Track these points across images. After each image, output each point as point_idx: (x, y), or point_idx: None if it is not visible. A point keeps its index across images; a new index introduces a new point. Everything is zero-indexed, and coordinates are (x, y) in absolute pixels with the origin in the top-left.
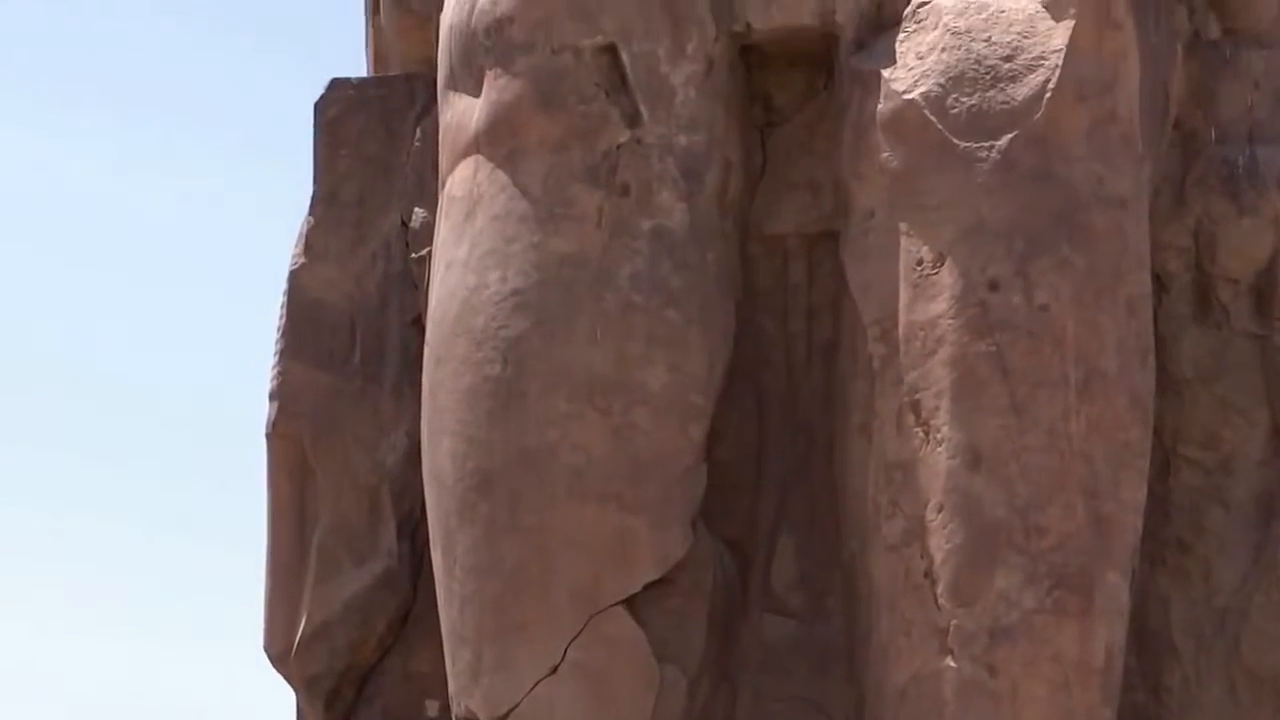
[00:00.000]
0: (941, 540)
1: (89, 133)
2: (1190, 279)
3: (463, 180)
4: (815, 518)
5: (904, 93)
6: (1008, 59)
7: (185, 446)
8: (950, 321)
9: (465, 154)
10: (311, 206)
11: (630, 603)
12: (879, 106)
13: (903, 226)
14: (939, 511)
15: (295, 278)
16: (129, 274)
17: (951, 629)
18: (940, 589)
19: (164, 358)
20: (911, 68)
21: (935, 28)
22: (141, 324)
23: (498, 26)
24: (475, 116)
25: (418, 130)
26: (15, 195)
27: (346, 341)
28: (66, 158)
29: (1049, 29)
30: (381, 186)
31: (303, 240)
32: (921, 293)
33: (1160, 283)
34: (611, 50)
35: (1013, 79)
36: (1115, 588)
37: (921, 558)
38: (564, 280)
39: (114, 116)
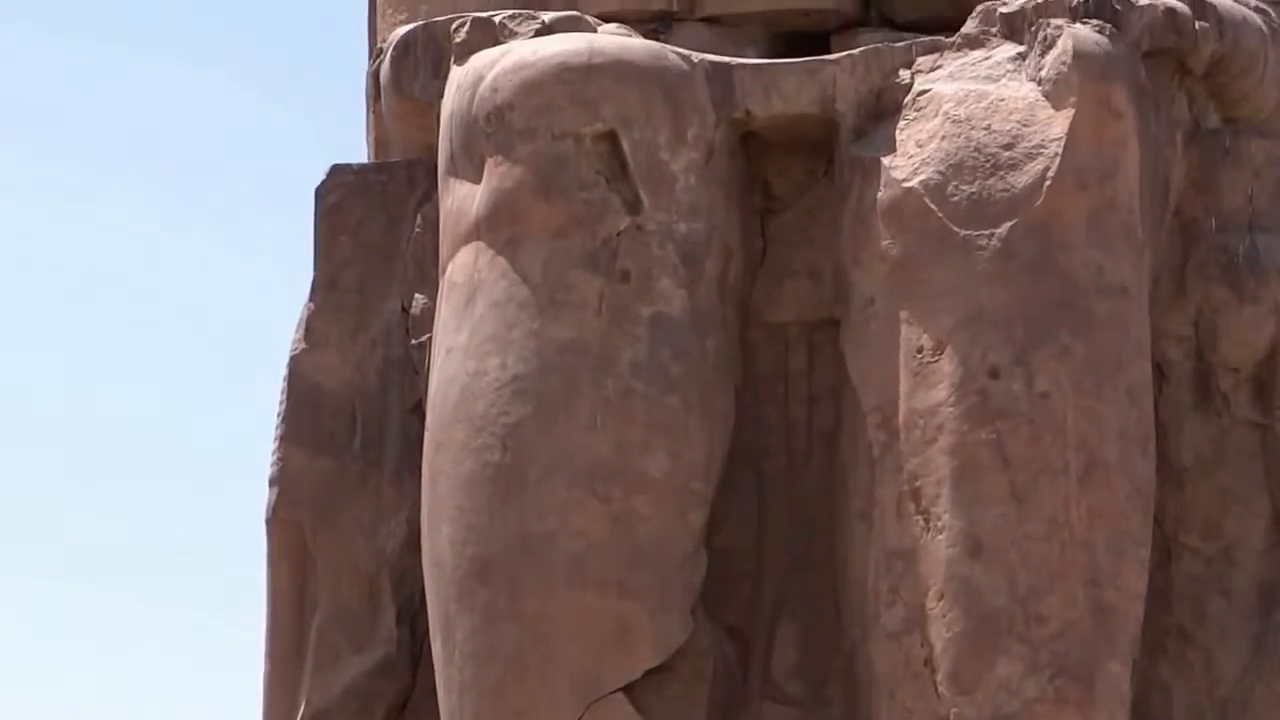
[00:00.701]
0: (942, 628)
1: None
2: (1191, 367)
3: (463, 266)
4: (815, 605)
5: (904, 180)
6: (1007, 147)
7: (181, 530)
8: (950, 409)
9: (466, 240)
10: (312, 292)
11: (630, 690)
12: (879, 194)
13: (903, 314)
14: (939, 599)
15: (295, 363)
16: (128, 355)
17: (952, 717)
18: (940, 677)
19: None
20: (911, 155)
21: (935, 116)
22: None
23: (498, 113)
24: (476, 203)
25: (418, 216)
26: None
27: (347, 427)
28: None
29: (1049, 117)
30: (382, 272)
31: (303, 326)
32: (922, 380)
33: (1160, 371)
34: (612, 137)
35: (1013, 167)
36: (1116, 677)
37: (922, 646)
38: (564, 367)
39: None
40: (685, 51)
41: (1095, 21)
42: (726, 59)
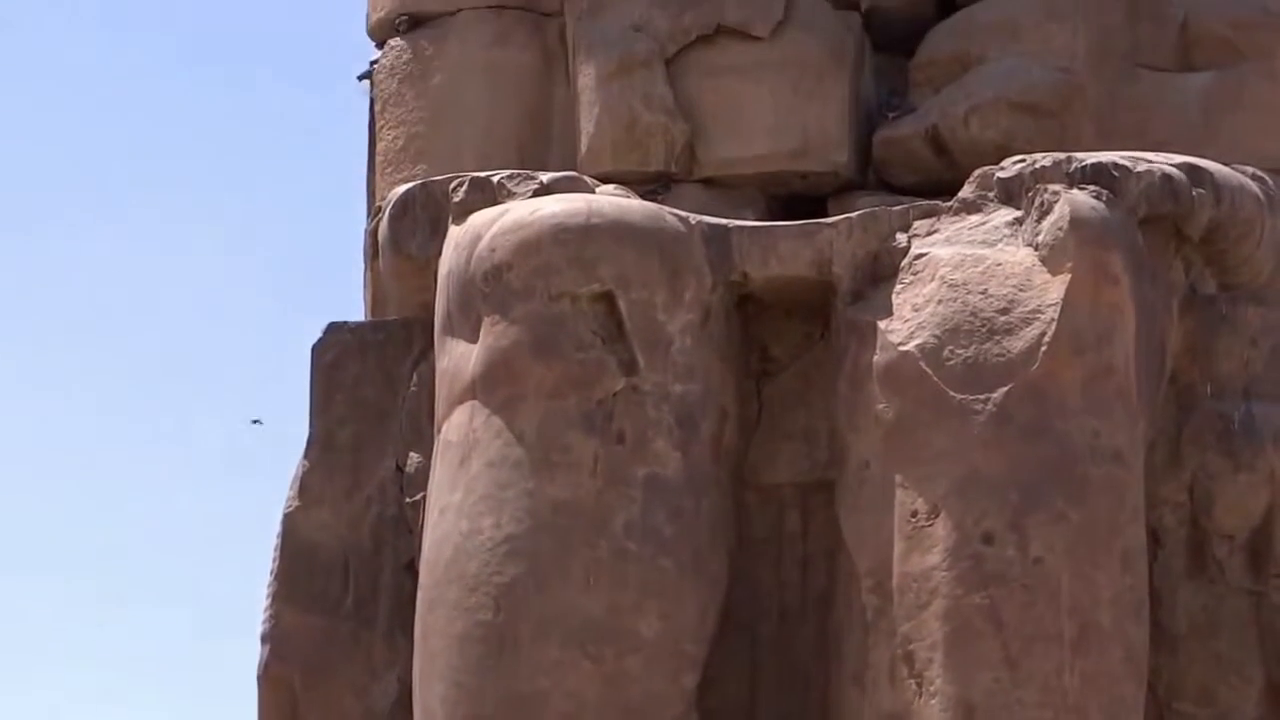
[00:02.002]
0: None
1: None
2: (1185, 534)
3: (458, 426)
4: None
5: (900, 344)
6: (1004, 311)
7: (177, 692)
8: (944, 574)
9: (461, 399)
10: (307, 450)
11: None
12: (875, 357)
13: (897, 478)
14: None
15: (289, 521)
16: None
17: None
18: None
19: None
20: (908, 319)
21: (932, 280)
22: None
23: (496, 273)
24: (472, 362)
25: (414, 375)
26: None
27: (340, 585)
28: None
29: (1045, 282)
30: (377, 431)
31: (298, 483)
32: (916, 544)
33: (1155, 537)
34: (609, 298)
35: (1009, 332)
36: None
37: None
38: (558, 527)
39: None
40: (683, 213)
41: (1092, 187)
42: (724, 221)
